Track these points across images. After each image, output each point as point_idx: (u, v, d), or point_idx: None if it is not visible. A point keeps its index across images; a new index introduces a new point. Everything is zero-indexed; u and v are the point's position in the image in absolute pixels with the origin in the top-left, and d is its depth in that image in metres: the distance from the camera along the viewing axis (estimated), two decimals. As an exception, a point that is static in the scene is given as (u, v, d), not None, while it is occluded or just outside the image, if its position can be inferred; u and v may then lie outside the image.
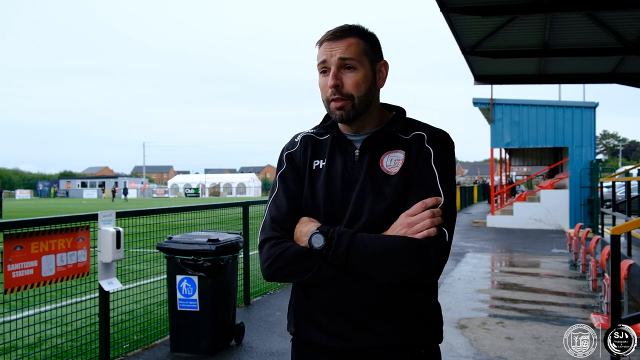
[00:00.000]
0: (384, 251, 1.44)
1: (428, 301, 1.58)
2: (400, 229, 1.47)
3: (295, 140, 1.72)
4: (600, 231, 10.50)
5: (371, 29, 1.63)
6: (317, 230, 1.49)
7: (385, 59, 1.65)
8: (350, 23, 1.61)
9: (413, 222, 1.46)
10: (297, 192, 1.63)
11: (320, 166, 1.63)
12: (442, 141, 1.57)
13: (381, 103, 1.68)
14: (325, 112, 1.69)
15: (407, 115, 1.68)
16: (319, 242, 1.48)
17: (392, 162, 1.56)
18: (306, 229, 1.54)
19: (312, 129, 1.73)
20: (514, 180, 33.66)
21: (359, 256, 1.45)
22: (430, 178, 1.52)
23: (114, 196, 53.34)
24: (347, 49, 1.54)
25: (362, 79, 1.55)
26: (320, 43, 1.59)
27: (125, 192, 53.95)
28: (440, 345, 1.65)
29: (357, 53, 1.54)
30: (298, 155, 1.68)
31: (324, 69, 1.57)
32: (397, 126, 1.61)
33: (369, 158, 1.58)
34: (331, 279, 1.49)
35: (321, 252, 1.47)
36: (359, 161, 1.59)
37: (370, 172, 1.56)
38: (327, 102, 1.58)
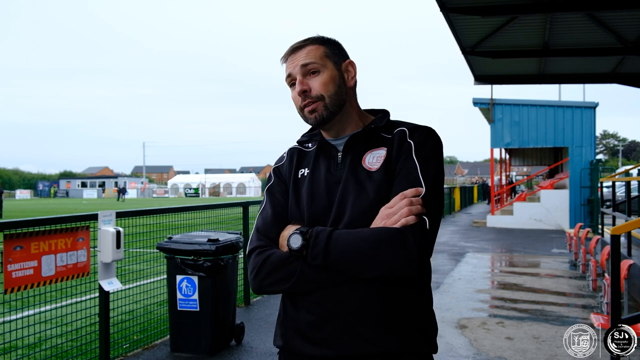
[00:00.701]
0: (360, 245, 1.41)
1: (421, 307, 1.53)
2: (379, 222, 1.44)
3: (283, 155, 1.73)
4: (600, 231, 10.50)
5: (334, 37, 1.65)
6: (295, 231, 1.48)
7: (351, 59, 1.65)
8: (311, 36, 1.64)
9: (391, 213, 1.44)
10: (283, 202, 1.63)
11: (305, 174, 1.63)
12: (424, 135, 1.55)
13: (365, 109, 1.69)
14: None
15: (401, 117, 1.68)
16: (296, 242, 1.46)
17: (374, 159, 1.55)
18: (287, 233, 1.52)
19: (299, 139, 1.74)
20: (514, 180, 33.65)
21: (336, 253, 1.42)
22: (411, 170, 1.49)
23: (119, 195, 52.97)
24: (308, 55, 1.57)
25: (329, 79, 1.56)
26: (284, 60, 1.62)
27: (124, 191, 53.71)
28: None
29: (317, 57, 1.57)
30: (285, 168, 1.69)
31: (291, 82, 1.59)
32: (378, 123, 1.60)
33: (351, 158, 1.57)
34: (316, 283, 1.46)
35: (300, 252, 1.45)
36: (341, 163, 1.58)
37: (352, 171, 1.55)
38: (302, 111, 1.59)
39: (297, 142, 1.73)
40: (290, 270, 1.47)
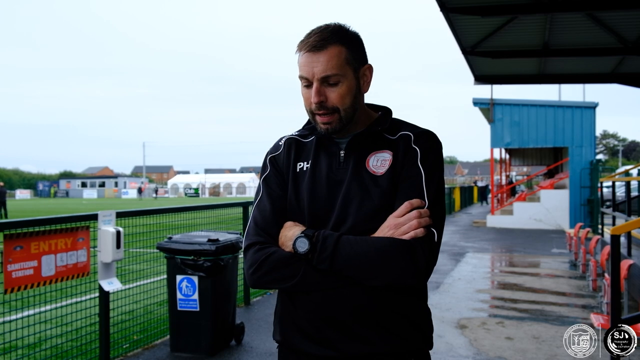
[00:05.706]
0: (370, 253, 1.40)
1: (418, 306, 1.54)
2: (387, 231, 1.44)
3: (279, 143, 1.68)
4: (600, 231, 10.50)
5: (353, 28, 1.54)
6: (302, 234, 1.45)
7: (369, 62, 1.58)
8: (331, 23, 1.52)
9: (400, 224, 1.43)
10: (282, 196, 1.59)
11: (305, 168, 1.59)
12: (429, 141, 1.54)
13: (366, 103, 1.64)
14: None
15: (401, 116, 1.65)
16: (303, 246, 1.44)
17: (379, 162, 1.53)
18: (291, 233, 1.50)
19: (297, 131, 1.69)
20: (514, 180, 33.64)
21: (344, 259, 1.41)
22: (417, 178, 1.49)
23: (154, 194, 52.47)
24: (329, 64, 1.47)
25: (347, 91, 1.50)
26: (300, 51, 1.51)
27: (156, 191, 52.90)
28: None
29: (339, 66, 1.47)
30: (282, 159, 1.64)
31: (305, 83, 1.52)
32: (382, 125, 1.58)
33: (354, 159, 1.55)
34: (317, 285, 1.46)
35: (306, 256, 1.44)
36: (344, 162, 1.55)
37: (356, 173, 1.52)
38: (312, 115, 1.54)
39: (296, 134, 1.68)
40: (293, 270, 1.46)
